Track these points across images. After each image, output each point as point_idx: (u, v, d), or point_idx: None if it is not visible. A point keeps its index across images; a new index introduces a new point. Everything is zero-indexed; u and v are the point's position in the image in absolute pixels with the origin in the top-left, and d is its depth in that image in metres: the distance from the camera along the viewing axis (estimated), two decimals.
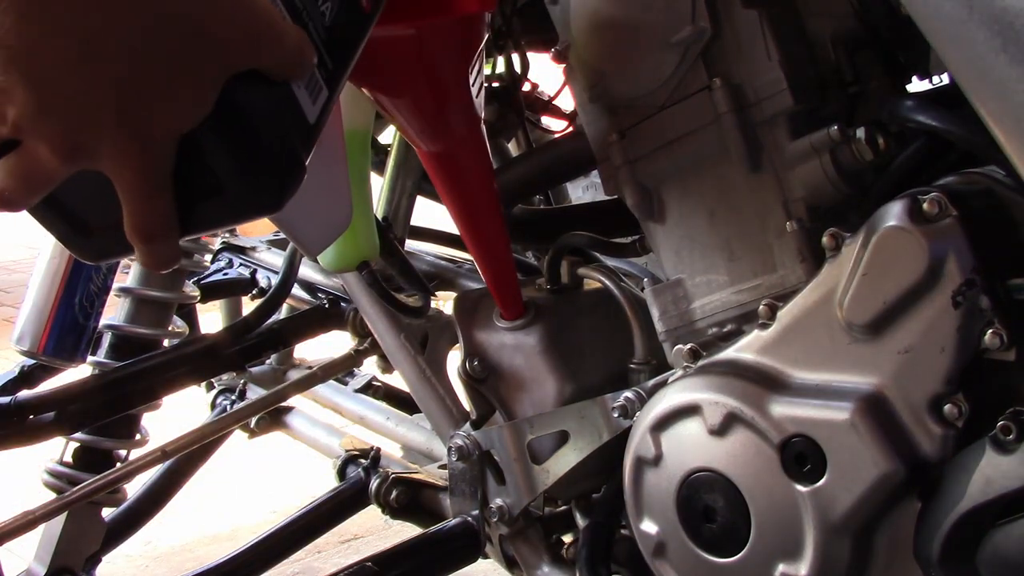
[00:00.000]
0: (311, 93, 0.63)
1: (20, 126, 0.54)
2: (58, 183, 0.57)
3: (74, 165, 0.56)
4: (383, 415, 1.71)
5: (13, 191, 0.57)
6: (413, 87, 0.93)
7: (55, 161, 0.55)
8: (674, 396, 0.85)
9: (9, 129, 0.54)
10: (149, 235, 0.59)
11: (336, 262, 1.22)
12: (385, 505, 1.28)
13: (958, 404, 0.71)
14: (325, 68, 0.65)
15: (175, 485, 1.57)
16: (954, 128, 0.75)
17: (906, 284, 0.72)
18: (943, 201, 0.71)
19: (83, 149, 0.55)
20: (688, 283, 0.90)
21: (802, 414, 0.77)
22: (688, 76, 0.86)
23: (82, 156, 0.55)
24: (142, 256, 0.60)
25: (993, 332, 0.69)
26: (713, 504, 0.82)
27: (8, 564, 1.35)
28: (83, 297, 1.25)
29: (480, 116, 0.99)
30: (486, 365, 1.08)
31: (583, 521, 1.10)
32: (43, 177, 0.56)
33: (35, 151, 0.55)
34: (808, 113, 0.82)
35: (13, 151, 0.56)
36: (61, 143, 0.55)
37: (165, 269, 0.62)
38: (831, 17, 0.85)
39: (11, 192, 0.57)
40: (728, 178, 0.86)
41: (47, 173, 0.56)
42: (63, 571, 1.30)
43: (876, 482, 0.73)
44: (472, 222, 1.06)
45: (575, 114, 1.41)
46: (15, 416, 1.23)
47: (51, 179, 0.56)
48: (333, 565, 2.11)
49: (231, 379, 1.80)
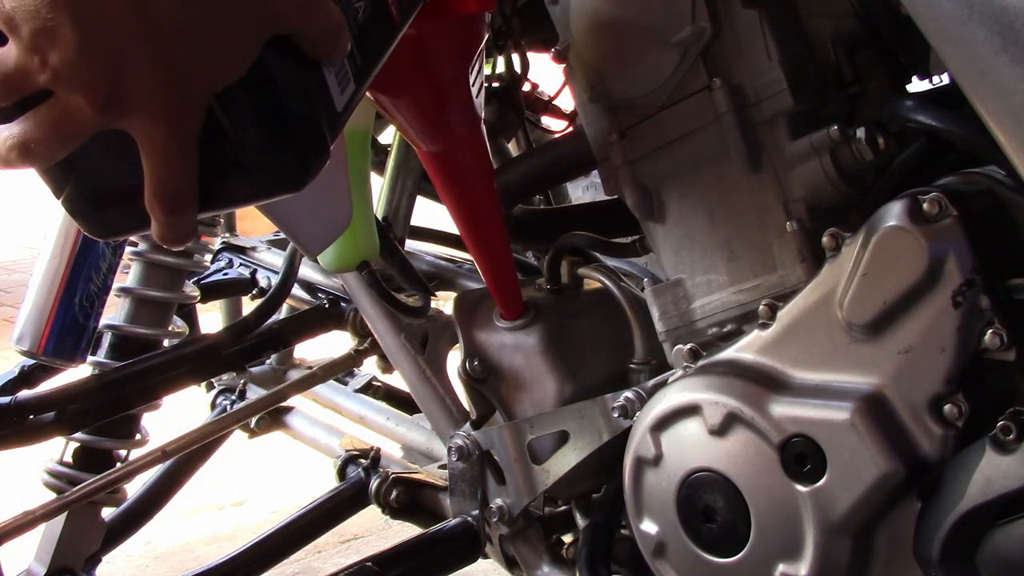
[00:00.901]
0: (340, 82, 0.64)
1: (59, 71, 0.53)
2: (86, 138, 0.56)
3: (108, 118, 0.55)
4: (383, 415, 1.71)
5: (40, 143, 0.55)
6: (413, 87, 0.93)
7: (90, 111, 0.54)
8: (674, 396, 0.85)
9: (48, 75, 0.53)
10: (171, 203, 0.58)
11: (336, 262, 1.22)
12: (385, 505, 1.28)
13: (958, 404, 0.71)
14: (354, 62, 0.66)
15: (175, 485, 1.57)
16: (954, 128, 0.75)
17: (906, 284, 0.72)
18: (943, 201, 0.71)
19: (120, 100, 0.54)
20: (688, 283, 0.90)
21: (802, 414, 0.77)
22: (688, 76, 0.86)
23: (117, 108, 0.55)
24: (159, 228, 0.59)
25: (993, 332, 0.69)
26: (713, 504, 0.82)
27: (8, 564, 1.35)
28: (83, 297, 1.25)
29: (480, 116, 0.99)
30: (486, 365, 1.08)
31: (583, 521, 1.10)
32: (75, 130, 0.55)
33: (69, 101, 0.54)
34: (808, 113, 0.82)
35: (44, 102, 0.55)
36: (100, 91, 0.54)
37: (180, 244, 0.61)
38: (831, 17, 0.85)
39: (38, 144, 0.55)
40: (728, 178, 0.86)
41: (79, 125, 0.55)
42: (63, 571, 1.30)
43: (876, 482, 0.73)
44: (472, 222, 1.06)
45: (575, 114, 1.41)
46: (15, 416, 1.23)
47: (82, 132, 0.56)
48: (333, 565, 2.11)
49: (231, 379, 1.80)
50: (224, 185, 0.59)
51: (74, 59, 0.53)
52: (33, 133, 0.55)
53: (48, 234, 1.26)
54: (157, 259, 1.37)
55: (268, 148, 0.58)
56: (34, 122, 0.55)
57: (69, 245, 1.24)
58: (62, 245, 1.25)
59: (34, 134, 0.55)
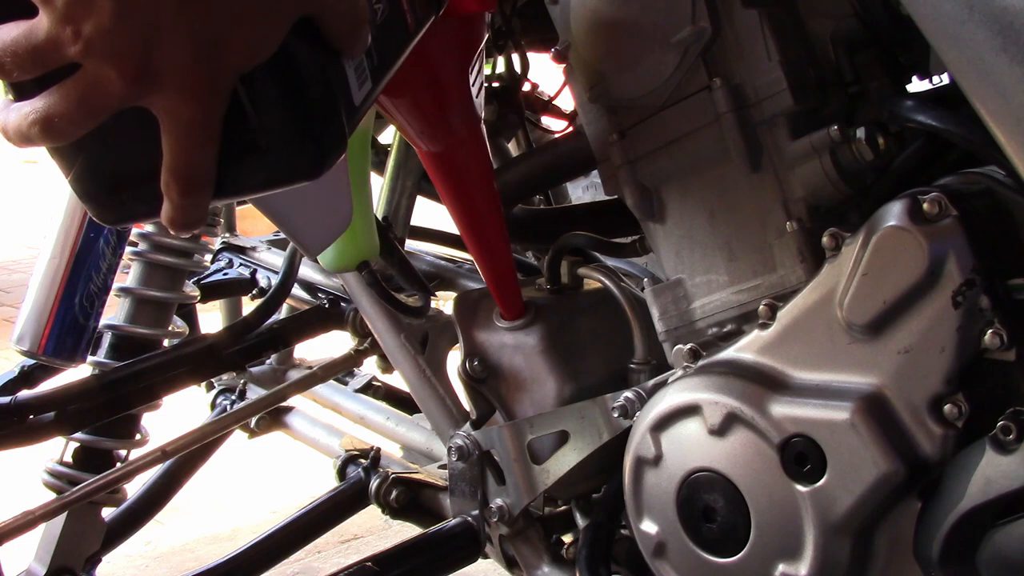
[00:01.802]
0: (358, 77, 0.64)
1: (92, 41, 0.53)
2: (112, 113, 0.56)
3: (137, 91, 0.55)
4: (383, 415, 1.71)
5: (65, 118, 0.55)
6: (413, 87, 0.92)
7: (119, 85, 0.54)
8: (674, 396, 0.85)
9: (80, 47, 0.53)
10: (189, 183, 0.57)
11: (336, 262, 1.21)
12: (385, 505, 1.28)
13: (958, 404, 0.71)
14: (371, 60, 0.66)
15: (175, 485, 1.57)
16: (954, 128, 0.75)
17: (906, 284, 0.72)
18: (943, 201, 0.71)
19: (150, 73, 0.54)
20: (688, 283, 0.90)
21: (802, 414, 0.77)
22: (688, 76, 0.86)
23: (147, 81, 0.54)
24: (171, 211, 0.58)
25: (993, 332, 0.69)
26: (713, 504, 0.82)
27: (8, 564, 1.35)
28: (83, 297, 1.25)
29: (480, 116, 0.99)
30: (486, 365, 1.08)
31: (583, 521, 1.10)
32: (101, 104, 0.55)
33: (98, 74, 0.54)
34: (808, 113, 0.82)
35: (70, 77, 0.55)
36: (131, 63, 0.53)
37: (190, 230, 0.60)
38: (831, 17, 0.85)
39: (62, 119, 0.55)
40: (728, 178, 0.86)
41: (107, 99, 0.55)
42: (63, 571, 1.30)
43: (876, 482, 0.73)
44: (472, 222, 1.06)
45: (575, 114, 1.41)
46: (15, 416, 1.23)
47: (108, 107, 0.55)
48: (333, 565, 2.12)
49: (231, 379, 1.80)
50: (239, 170, 0.59)
51: (108, 29, 0.52)
52: (58, 108, 0.55)
53: (48, 234, 1.26)
54: (157, 259, 1.37)
55: (289, 133, 0.59)
56: (59, 96, 0.55)
57: (69, 245, 1.24)
58: (62, 245, 1.25)
59: (59, 108, 0.55)
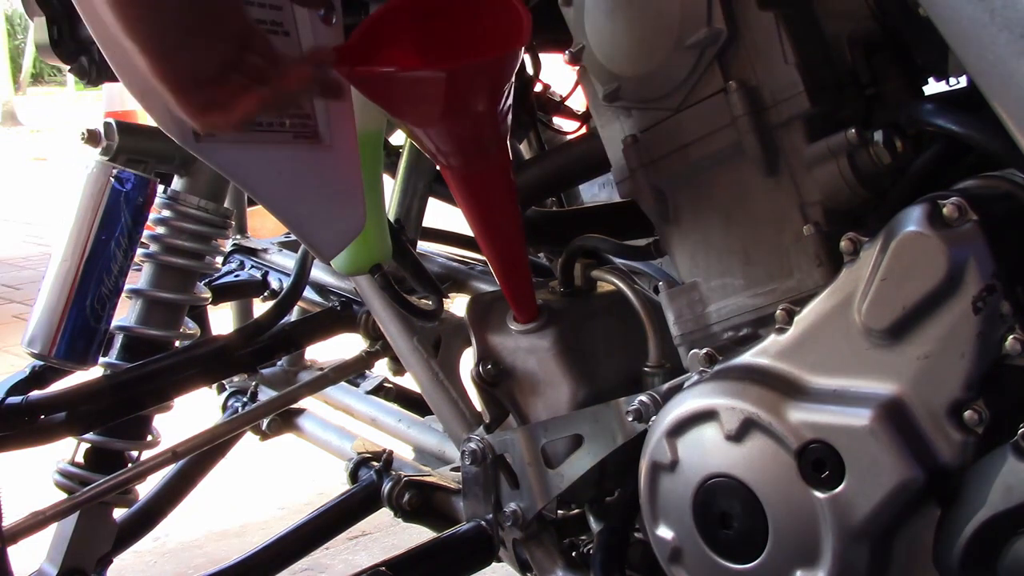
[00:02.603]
0: None
1: None
2: None
3: None
4: (395, 417, 1.71)
5: None
6: (445, 119, 0.92)
7: None
8: (690, 401, 0.84)
9: None
10: None
11: (349, 265, 1.21)
12: (398, 508, 1.28)
13: (978, 410, 0.70)
14: None
15: (186, 486, 1.57)
16: (973, 132, 0.74)
17: (925, 289, 0.71)
18: (963, 205, 0.70)
19: None
20: (703, 287, 0.90)
21: (820, 420, 0.76)
22: (704, 79, 0.85)
23: None
24: None
25: (1014, 338, 0.69)
26: (730, 510, 0.82)
27: (20, 565, 1.35)
28: (95, 300, 1.25)
29: (506, 134, 0.98)
30: (499, 368, 1.08)
31: (597, 525, 1.10)
32: None
33: None
34: (825, 116, 0.82)
35: None
36: None
37: None
38: (848, 18, 0.84)
39: None
40: (744, 181, 0.85)
41: None
42: (74, 572, 1.30)
43: (895, 489, 0.72)
44: (492, 233, 1.04)
45: (587, 115, 1.40)
46: (27, 416, 1.23)
47: None
48: (341, 561, 2.12)
49: (243, 381, 1.80)
50: None
51: None
52: None
53: (59, 236, 1.26)
54: (169, 261, 1.37)
55: None
56: None
57: (80, 247, 1.24)
58: (73, 247, 1.25)
59: None
